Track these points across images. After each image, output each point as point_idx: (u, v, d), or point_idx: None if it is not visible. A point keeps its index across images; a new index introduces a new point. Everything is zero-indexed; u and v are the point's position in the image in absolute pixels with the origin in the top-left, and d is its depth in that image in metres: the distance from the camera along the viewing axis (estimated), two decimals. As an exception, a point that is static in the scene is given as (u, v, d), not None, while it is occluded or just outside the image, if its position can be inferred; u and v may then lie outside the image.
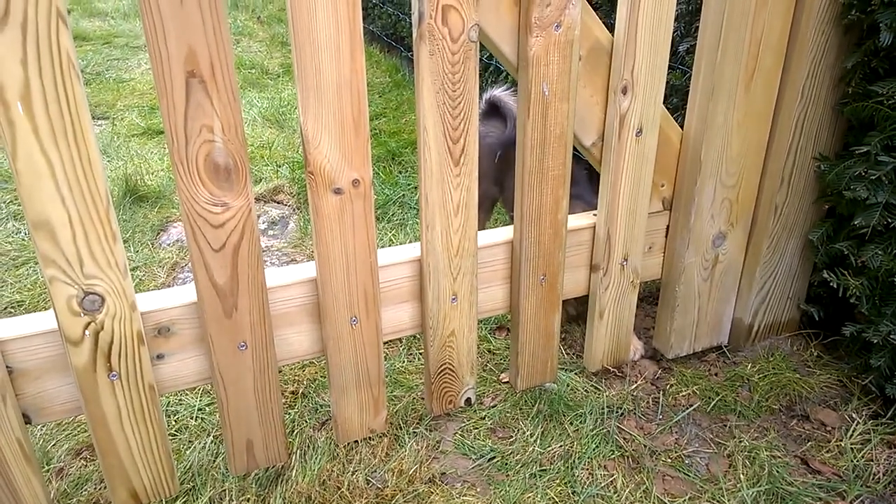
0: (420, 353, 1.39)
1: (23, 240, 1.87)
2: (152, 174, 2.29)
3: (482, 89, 1.54)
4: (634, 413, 1.23)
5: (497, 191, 1.59)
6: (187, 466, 1.10)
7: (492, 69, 2.32)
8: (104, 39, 4.36)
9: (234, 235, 0.88)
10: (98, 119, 2.91)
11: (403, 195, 2.09)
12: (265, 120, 2.82)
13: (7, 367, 0.84)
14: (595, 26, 1.03)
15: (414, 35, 0.90)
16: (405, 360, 1.38)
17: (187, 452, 1.13)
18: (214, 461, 1.12)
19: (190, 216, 0.84)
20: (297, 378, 1.32)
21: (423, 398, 1.26)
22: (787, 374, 1.28)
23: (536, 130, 1.02)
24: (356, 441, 1.15)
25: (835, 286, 1.19)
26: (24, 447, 0.87)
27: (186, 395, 1.27)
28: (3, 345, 0.83)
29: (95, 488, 1.08)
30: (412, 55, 3.48)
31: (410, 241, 1.85)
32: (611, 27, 1.04)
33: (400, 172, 2.29)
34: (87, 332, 0.84)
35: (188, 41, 0.76)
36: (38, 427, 1.19)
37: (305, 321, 1.01)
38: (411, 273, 1.06)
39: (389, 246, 1.83)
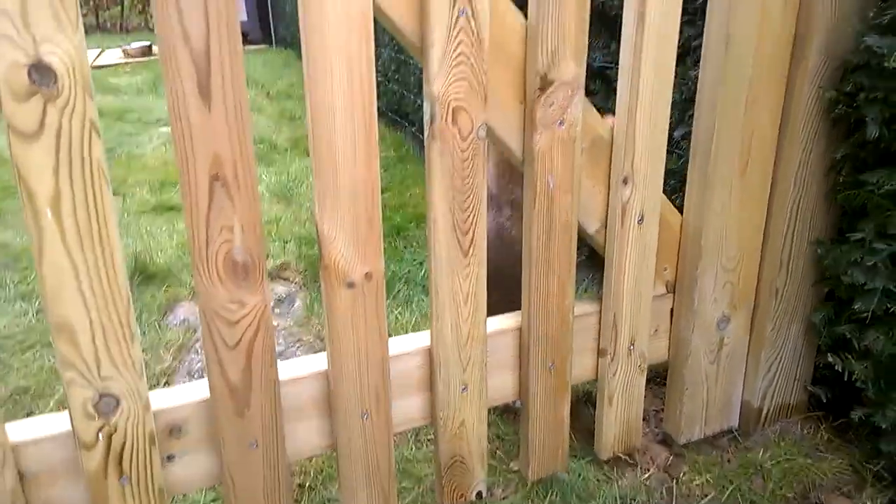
0: (429, 440, 1.37)
1: (30, 322, 1.86)
2: (161, 252, 2.30)
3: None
4: None
5: None
6: (192, 569, 1.07)
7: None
8: (117, 115, 4.47)
9: (248, 332, 0.89)
10: (110, 195, 2.95)
11: (409, 271, 2.10)
12: (273, 195, 2.86)
13: (18, 471, 0.83)
14: (596, 122, 1.08)
15: (426, 134, 0.94)
16: (413, 447, 1.36)
17: (191, 554, 1.10)
18: (220, 563, 1.08)
19: (207, 314, 0.85)
20: (304, 469, 1.29)
21: (432, 489, 1.23)
22: (800, 460, 1.27)
23: (542, 221, 1.05)
24: (366, 538, 1.11)
25: (839, 370, 1.20)
26: (28, 556, 0.84)
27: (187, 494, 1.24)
28: (18, 449, 0.82)
29: None
30: (416, 130, 3.55)
31: (416, 319, 1.86)
32: (608, 110, 1.09)
33: (405, 248, 2.31)
34: (100, 435, 0.83)
35: (214, 147, 0.80)
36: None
37: (316, 415, 1.00)
38: (421, 363, 1.06)
39: (396, 322, 1.84)
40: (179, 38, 0.75)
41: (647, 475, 1.27)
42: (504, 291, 1.18)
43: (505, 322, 1.14)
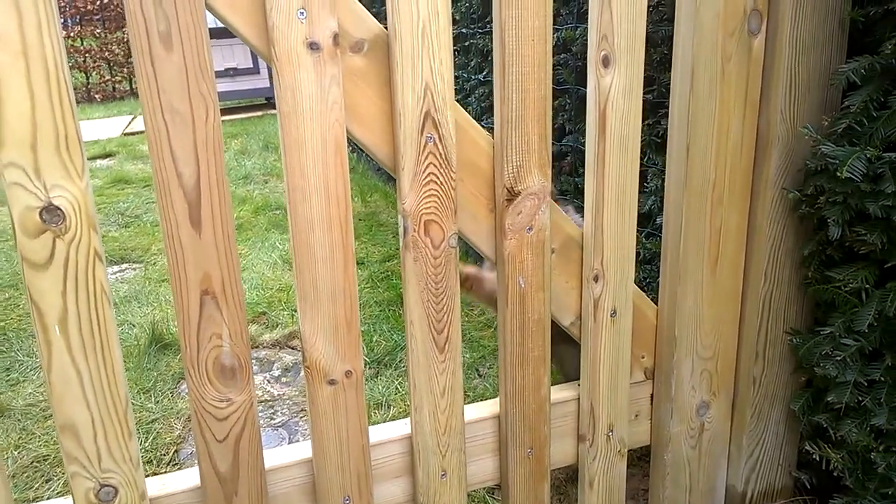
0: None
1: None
2: (173, 322, 2.43)
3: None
4: (630, 585, 1.24)
5: None
6: None
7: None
8: (145, 182, 4.68)
9: (236, 427, 0.98)
10: (132, 263, 3.12)
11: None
12: (285, 263, 2.99)
13: (26, 553, 0.93)
14: (565, 224, 1.15)
15: (400, 244, 1.03)
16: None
17: None
18: None
19: (197, 412, 0.95)
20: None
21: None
22: (783, 546, 1.29)
23: (516, 317, 1.12)
24: None
25: (817, 458, 1.22)
26: None
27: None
28: (24, 534, 0.92)
29: None
30: None
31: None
32: (580, 208, 1.16)
33: None
34: (99, 522, 0.92)
35: (204, 267, 0.90)
36: None
37: (301, 500, 1.08)
38: (403, 450, 1.14)
39: (396, 393, 1.92)
40: (173, 177, 0.86)
41: (630, 557, 1.30)
42: None
43: (484, 410, 1.21)
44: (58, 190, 0.81)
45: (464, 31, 2.70)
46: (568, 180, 2.10)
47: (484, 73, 2.37)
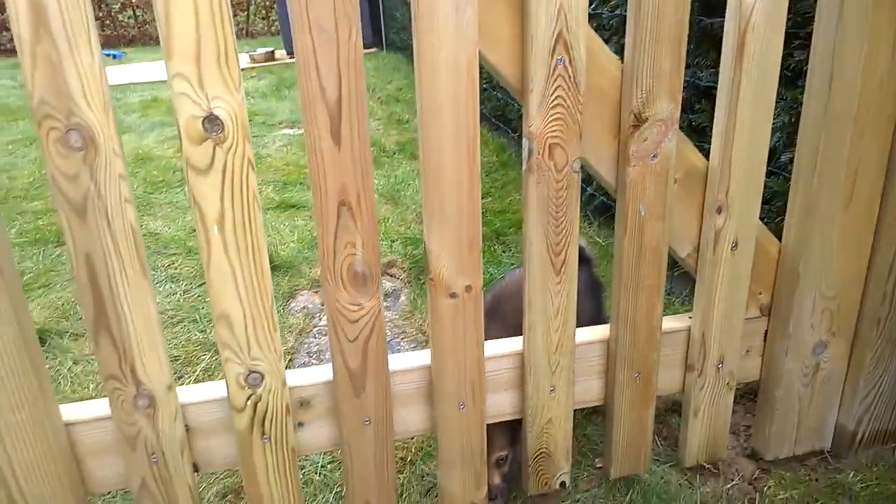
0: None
1: (178, 300, 2.17)
2: (284, 245, 2.58)
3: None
4: (728, 512, 1.27)
5: None
6: (314, 517, 1.28)
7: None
8: (256, 118, 4.86)
9: (365, 330, 1.06)
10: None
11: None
12: (381, 196, 3.07)
13: (185, 424, 1.06)
14: (691, 154, 1.13)
15: (524, 167, 1.06)
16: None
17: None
18: (336, 515, 1.29)
19: (332, 314, 1.03)
20: (406, 445, 1.47)
21: (519, 478, 1.36)
22: (892, 487, 1.27)
23: (633, 245, 1.13)
24: (458, 511, 1.27)
25: (941, 405, 1.18)
26: (192, 492, 1.08)
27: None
28: (185, 407, 1.06)
29: (239, 527, 1.28)
30: (519, 136, 3.59)
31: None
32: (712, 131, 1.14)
33: (503, 252, 2.43)
34: (248, 402, 1.04)
35: (342, 179, 0.96)
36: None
37: (419, 402, 1.17)
38: (514, 365, 1.19)
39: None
40: (317, 92, 0.91)
41: (730, 485, 1.33)
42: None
43: (594, 333, 1.24)
44: (218, 101, 0.88)
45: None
46: (682, 116, 2.03)
47: (593, 5, 2.28)
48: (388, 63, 6.98)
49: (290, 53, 8.26)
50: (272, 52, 8.34)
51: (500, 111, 3.75)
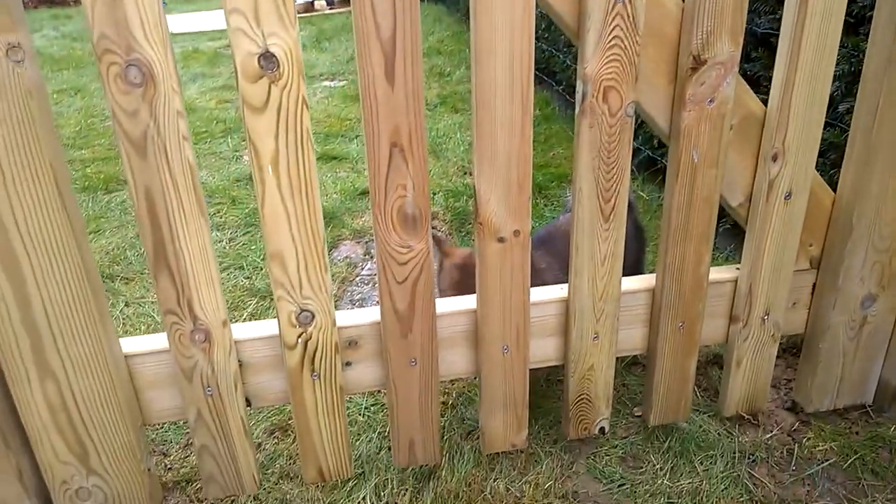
0: (557, 382, 1.52)
1: (224, 248, 2.21)
2: (325, 196, 2.59)
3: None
4: (767, 461, 1.28)
5: None
6: (357, 455, 1.32)
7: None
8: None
9: (414, 271, 1.07)
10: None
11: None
12: None
13: (238, 360, 1.09)
14: (749, 99, 1.10)
15: (577, 110, 1.04)
16: (543, 385, 1.51)
17: (357, 444, 1.35)
18: (378, 453, 1.32)
19: (382, 255, 1.05)
20: (447, 391, 1.50)
21: (559, 421, 1.38)
22: (936, 444, 1.26)
23: (684, 193, 1.12)
24: (498, 453, 1.30)
25: None
26: (244, 424, 1.12)
27: (356, 395, 1.50)
28: (238, 344, 1.08)
29: (286, 462, 1.32)
30: (563, 90, 3.50)
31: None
32: (769, 79, 1.10)
33: (545, 205, 2.42)
34: (299, 340, 1.06)
35: (395, 120, 0.96)
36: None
37: (464, 345, 1.18)
38: (558, 311, 1.20)
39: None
40: (372, 29, 0.90)
41: (769, 435, 1.33)
42: None
43: (639, 282, 1.24)
44: (273, 38, 0.88)
45: None
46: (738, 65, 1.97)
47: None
48: (429, 15, 6.86)
49: (330, 3, 8.14)
50: (311, 2, 8.25)
51: (545, 64, 3.68)
